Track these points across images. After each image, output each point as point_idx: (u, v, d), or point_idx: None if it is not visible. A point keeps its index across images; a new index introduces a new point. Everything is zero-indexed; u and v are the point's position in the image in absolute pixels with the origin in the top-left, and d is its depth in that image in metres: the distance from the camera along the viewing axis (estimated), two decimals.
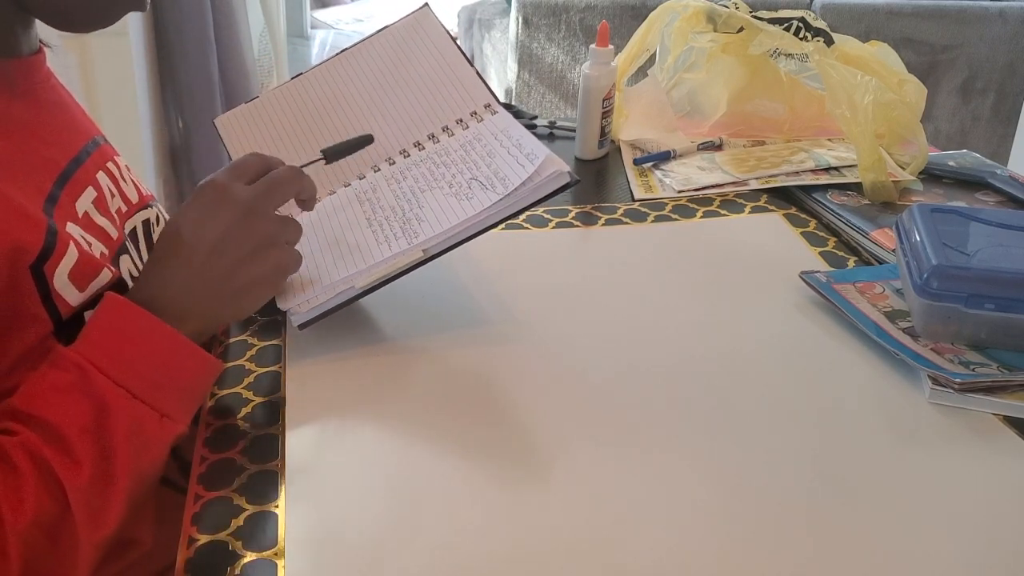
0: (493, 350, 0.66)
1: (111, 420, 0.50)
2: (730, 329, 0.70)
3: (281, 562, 0.47)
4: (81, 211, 0.61)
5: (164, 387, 0.53)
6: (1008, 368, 0.63)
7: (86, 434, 0.49)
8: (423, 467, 0.54)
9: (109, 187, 0.67)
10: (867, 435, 0.58)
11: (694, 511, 0.52)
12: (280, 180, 0.60)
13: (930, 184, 0.95)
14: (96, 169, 0.66)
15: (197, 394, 0.56)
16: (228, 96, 1.82)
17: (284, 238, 0.60)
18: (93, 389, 0.50)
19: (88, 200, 0.63)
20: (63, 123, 0.65)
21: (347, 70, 0.79)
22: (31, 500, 0.47)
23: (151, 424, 0.52)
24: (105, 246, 0.62)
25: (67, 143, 0.64)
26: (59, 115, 0.65)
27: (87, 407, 0.49)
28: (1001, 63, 2.39)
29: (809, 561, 0.48)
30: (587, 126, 1.02)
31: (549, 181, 0.64)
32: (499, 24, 2.85)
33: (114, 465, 0.49)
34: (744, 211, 0.90)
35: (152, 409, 0.52)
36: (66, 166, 0.62)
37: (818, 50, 0.98)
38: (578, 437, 0.57)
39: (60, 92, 0.68)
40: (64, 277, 0.55)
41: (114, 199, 0.67)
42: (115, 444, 0.49)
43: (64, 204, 0.59)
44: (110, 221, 0.65)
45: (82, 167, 0.64)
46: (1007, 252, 0.67)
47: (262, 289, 0.60)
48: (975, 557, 0.49)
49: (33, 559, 0.47)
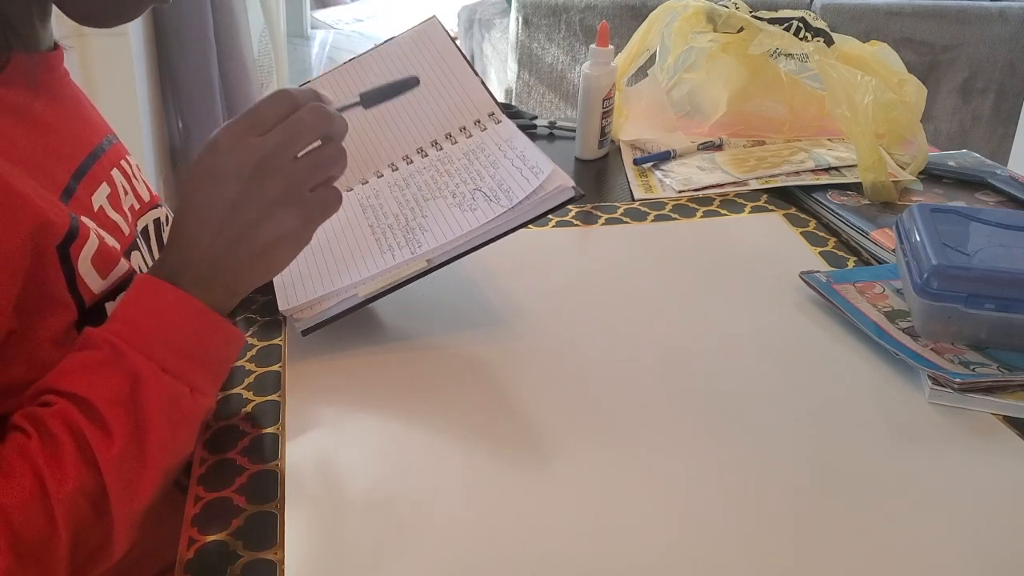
0: (493, 349, 0.66)
1: (144, 393, 0.49)
2: (730, 328, 0.70)
3: (281, 562, 0.47)
4: (96, 205, 0.61)
5: (195, 360, 0.52)
6: (1008, 368, 0.63)
7: (119, 406, 0.49)
8: (424, 467, 0.54)
9: (123, 184, 0.67)
10: (867, 435, 0.58)
11: (694, 510, 0.52)
12: (300, 127, 0.55)
13: (930, 184, 0.95)
14: (111, 166, 0.66)
15: (225, 367, 0.56)
16: (228, 96, 1.82)
17: (311, 182, 0.56)
18: (125, 363, 0.50)
19: (103, 196, 0.63)
20: (80, 119, 0.66)
21: (353, 78, 0.79)
22: (71, 469, 0.47)
23: (184, 398, 0.51)
24: (118, 242, 0.62)
25: (84, 139, 0.64)
26: (77, 111, 0.66)
27: (120, 381, 0.49)
28: (1001, 63, 2.39)
29: (809, 560, 0.48)
30: (587, 126, 1.02)
31: (554, 195, 0.65)
32: (499, 24, 2.85)
33: (147, 438, 0.49)
34: (744, 211, 0.90)
35: (183, 383, 0.51)
36: (83, 161, 0.62)
37: (818, 50, 0.98)
38: (578, 436, 0.57)
39: (77, 90, 0.68)
40: (88, 262, 0.55)
41: (127, 196, 0.67)
42: (149, 417, 0.49)
43: (80, 197, 0.59)
44: (123, 217, 0.65)
45: (98, 162, 0.64)
46: (1007, 252, 0.67)
47: (286, 248, 0.56)
48: (975, 557, 0.49)
49: (79, 528, 0.47)
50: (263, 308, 0.70)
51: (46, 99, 0.61)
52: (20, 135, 0.56)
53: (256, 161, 0.54)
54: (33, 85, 0.59)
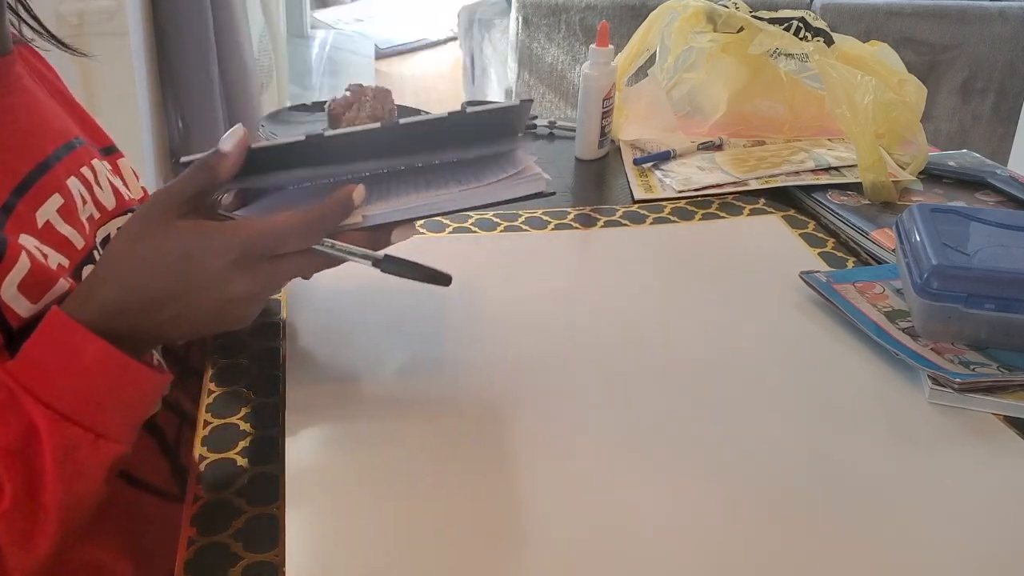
0: (492, 352, 0.66)
1: (39, 443, 0.47)
2: (730, 329, 0.70)
3: (282, 565, 0.47)
4: (42, 220, 0.58)
5: (101, 406, 0.49)
6: (1008, 368, 0.63)
7: (11, 456, 0.47)
8: (425, 470, 0.54)
9: (81, 193, 0.63)
10: (867, 434, 0.58)
11: (694, 510, 0.52)
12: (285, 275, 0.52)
13: (930, 184, 0.95)
14: (67, 175, 0.63)
15: (141, 410, 0.53)
16: (228, 96, 1.82)
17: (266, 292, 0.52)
18: (21, 410, 0.47)
19: (52, 208, 0.59)
20: (30, 128, 0.62)
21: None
22: None
23: (85, 446, 0.48)
24: (67, 256, 0.59)
25: (33, 149, 0.61)
26: (26, 119, 0.62)
27: (14, 428, 0.47)
28: (1001, 63, 2.39)
29: (809, 560, 0.48)
30: (587, 126, 1.02)
31: (525, 182, 0.58)
32: (499, 24, 2.86)
33: (43, 488, 0.47)
34: (743, 213, 0.90)
35: (86, 430, 0.48)
36: (27, 174, 0.59)
37: (818, 50, 0.98)
38: (578, 439, 0.57)
39: (31, 95, 0.64)
40: (13, 288, 0.52)
41: (86, 206, 0.64)
42: (43, 468, 0.47)
43: (21, 214, 0.56)
44: (77, 230, 0.61)
45: (49, 173, 0.61)
46: (1007, 252, 0.67)
47: (239, 309, 0.52)
48: (975, 556, 0.49)
49: None
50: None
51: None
52: None
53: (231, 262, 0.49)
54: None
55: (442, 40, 4.52)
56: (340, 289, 0.72)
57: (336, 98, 1.01)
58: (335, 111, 1.00)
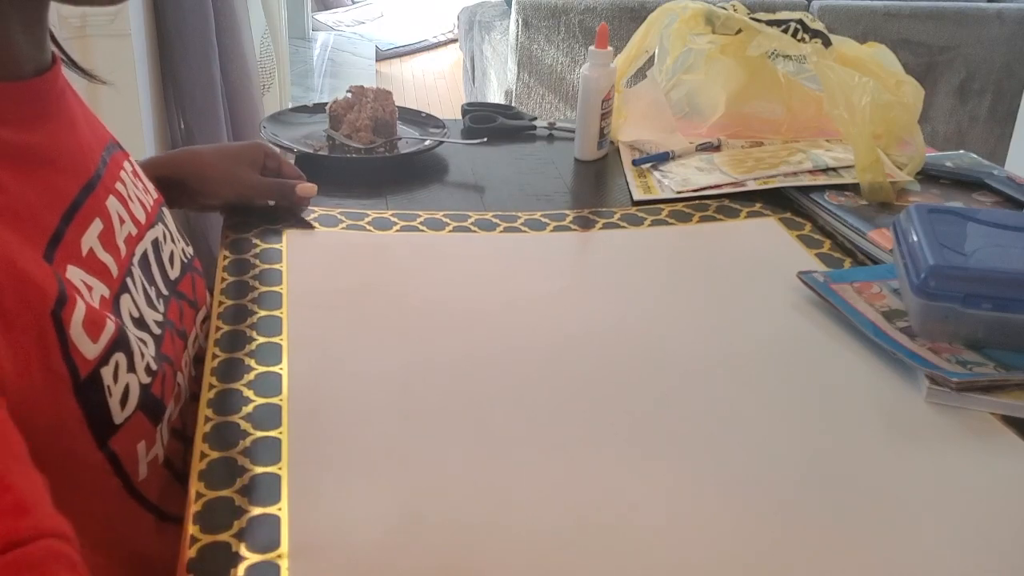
0: (491, 353, 0.66)
1: None
2: (728, 330, 0.70)
3: (284, 565, 0.47)
4: (86, 248, 0.55)
5: None
6: (1005, 367, 0.64)
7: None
8: (426, 469, 0.55)
9: (119, 213, 0.61)
10: (865, 434, 0.59)
11: (692, 511, 0.52)
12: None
13: (927, 184, 0.95)
14: (107, 193, 0.60)
15: None
16: (230, 97, 1.82)
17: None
18: None
19: (94, 234, 0.57)
20: (76, 145, 0.59)
21: None
22: None
23: None
24: (107, 286, 0.56)
25: (81, 167, 0.58)
26: (72, 137, 0.59)
27: None
28: (998, 64, 2.40)
29: (807, 559, 0.49)
30: (586, 127, 1.03)
31: None
32: (499, 26, 2.86)
33: None
34: (740, 215, 0.90)
35: None
36: (76, 196, 0.56)
37: (816, 51, 0.98)
38: (577, 439, 0.58)
39: (73, 108, 0.62)
40: (79, 326, 0.49)
41: (124, 225, 0.61)
42: None
43: (69, 242, 0.53)
44: (113, 256, 0.58)
45: (92, 195, 0.58)
46: (1004, 252, 0.67)
47: None
48: (973, 556, 0.49)
49: None
50: (262, 300, 0.70)
51: (41, 130, 0.55)
52: (10, 180, 0.49)
53: None
54: (25, 118, 0.53)
55: (442, 42, 4.53)
56: (337, 290, 0.73)
57: (337, 99, 1.02)
58: (336, 112, 1.01)
